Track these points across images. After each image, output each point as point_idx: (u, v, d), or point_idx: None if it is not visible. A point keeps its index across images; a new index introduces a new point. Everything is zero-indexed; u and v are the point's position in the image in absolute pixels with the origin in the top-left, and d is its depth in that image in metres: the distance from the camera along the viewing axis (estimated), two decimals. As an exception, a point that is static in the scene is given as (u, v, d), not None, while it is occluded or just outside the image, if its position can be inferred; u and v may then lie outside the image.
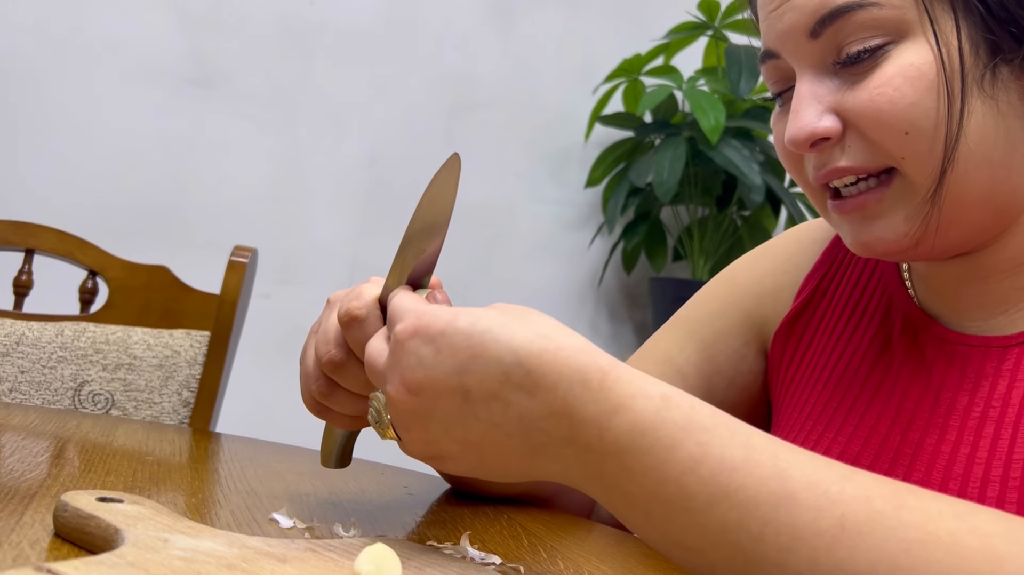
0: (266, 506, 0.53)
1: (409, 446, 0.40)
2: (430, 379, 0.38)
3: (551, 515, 0.63)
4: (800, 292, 0.65)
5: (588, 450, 0.37)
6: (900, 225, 0.51)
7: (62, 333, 1.00)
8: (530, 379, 0.37)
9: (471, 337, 0.37)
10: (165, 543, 0.36)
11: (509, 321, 0.38)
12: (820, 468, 0.37)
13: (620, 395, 0.37)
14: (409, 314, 0.39)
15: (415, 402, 0.38)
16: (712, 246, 1.89)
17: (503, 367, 0.37)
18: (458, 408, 0.37)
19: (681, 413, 0.37)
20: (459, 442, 0.38)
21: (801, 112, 0.51)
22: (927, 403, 0.54)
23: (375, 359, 0.41)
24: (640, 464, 0.36)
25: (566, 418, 0.37)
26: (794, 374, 0.63)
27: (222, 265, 1.04)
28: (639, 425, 0.36)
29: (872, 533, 0.35)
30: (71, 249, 1.06)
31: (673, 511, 0.36)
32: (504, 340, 0.37)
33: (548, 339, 0.37)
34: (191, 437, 0.79)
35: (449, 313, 0.38)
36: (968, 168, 0.49)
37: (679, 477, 0.36)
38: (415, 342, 0.38)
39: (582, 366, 0.37)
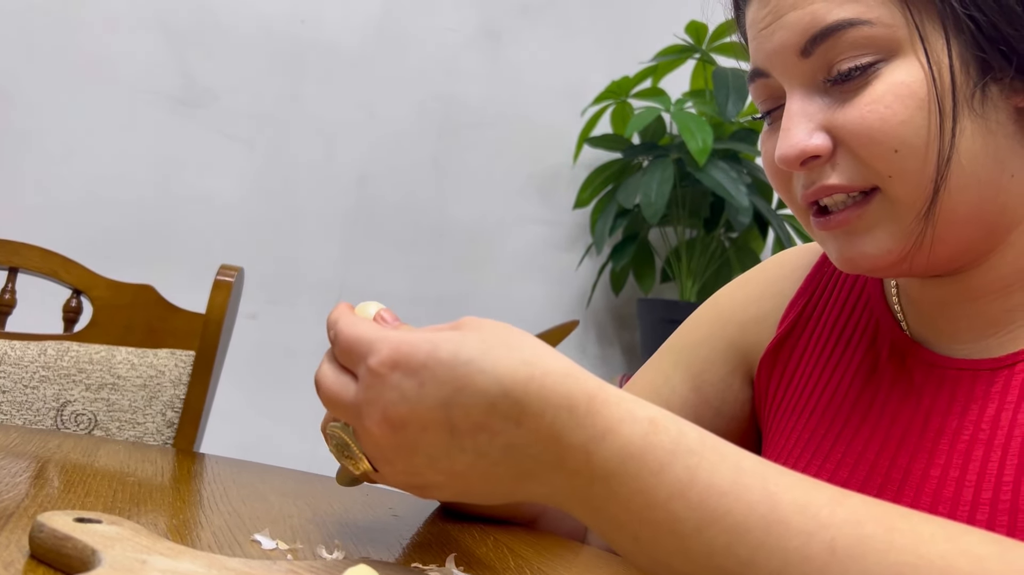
0: (248, 527, 0.52)
1: (390, 477, 0.39)
2: (414, 413, 0.36)
3: (538, 536, 0.62)
4: (784, 319, 0.65)
5: (575, 474, 0.37)
6: (884, 241, 0.51)
7: (45, 352, 0.99)
8: (517, 408, 0.36)
9: (455, 368, 0.36)
10: (143, 564, 0.36)
11: (491, 348, 0.37)
12: (810, 491, 0.36)
13: (607, 419, 0.36)
14: (381, 343, 0.37)
15: (399, 437, 0.37)
16: (700, 267, 1.90)
17: (489, 398, 0.36)
18: (444, 441, 0.37)
19: (669, 437, 0.36)
20: (444, 473, 0.38)
21: (792, 130, 0.51)
22: (916, 427, 0.53)
23: (339, 393, 0.39)
24: (627, 489, 0.36)
25: (553, 444, 0.36)
26: (781, 401, 0.63)
27: (208, 285, 1.03)
28: (626, 449, 0.36)
29: (863, 557, 0.34)
30: (55, 267, 1.05)
31: (661, 535, 0.36)
32: (489, 370, 0.36)
33: (533, 366, 0.37)
34: (174, 457, 0.78)
35: (428, 343, 0.37)
36: (958, 186, 0.49)
37: (666, 502, 0.36)
38: (396, 375, 0.37)
39: (569, 391, 0.36)
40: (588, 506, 0.37)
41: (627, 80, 1.94)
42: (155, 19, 1.83)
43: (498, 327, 0.39)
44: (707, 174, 1.79)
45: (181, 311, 1.04)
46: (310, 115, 1.93)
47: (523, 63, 2.06)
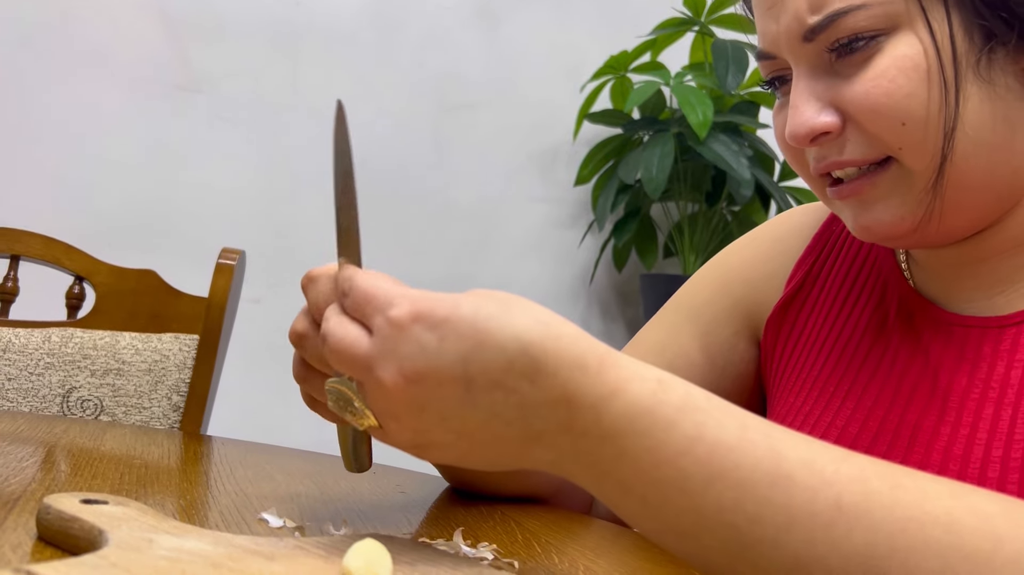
0: (256, 506, 0.52)
1: (395, 435, 0.39)
2: (432, 368, 0.36)
3: (546, 510, 0.62)
4: (791, 278, 0.65)
5: (584, 435, 0.36)
6: (898, 208, 0.51)
7: (49, 339, 0.99)
8: (532, 366, 0.36)
9: (475, 324, 0.36)
10: (150, 543, 0.36)
11: (509, 307, 0.37)
12: (815, 449, 0.36)
13: (616, 379, 0.36)
14: (399, 298, 0.37)
15: (413, 391, 0.36)
16: (702, 242, 1.89)
17: (507, 356, 0.36)
18: (458, 398, 0.36)
19: (677, 395, 0.37)
20: (453, 432, 0.37)
21: (800, 108, 0.51)
22: (925, 384, 0.53)
23: (352, 344, 0.38)
24: (636, 446, 0.36)
25: (564, 404, 0.36)
26: (788, 360, 0.63)
27: (210, 270, 1.03)
28: (635, 407, 0.36)
29: (868, 512, 0.34)
30: (57, 255, 1.05)
31: (669, 494, 0.36)
32: (508, 327, 0.36)
33: (548, 326, 0.37)
34: (181, 440, 0.78)
35: (449, 299, 0.37)
36: (967, 154, 0.49)
37: (675, 458, 0.36)
38: (416, 329, 0.36)
39: (581, 352, 0.36)
40: (596, 469, 0.37)
41: (626, 54, 1.92)
42: (152, 5, 1.82)
43: (510, 295, 0.39)
44: (708, 147, 1.78)
45: (184, 295, 1.04)
46: (308, 98, 1.92)
47: (521, 40, 2.04)
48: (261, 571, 0.34)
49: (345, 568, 0.34)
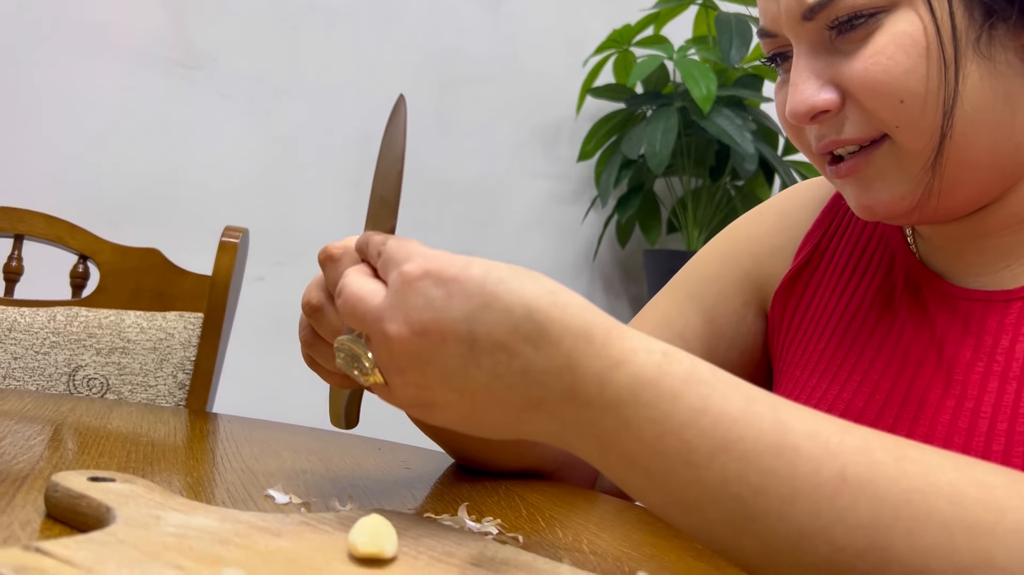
0: (262, 483, 0.52)
1: (399, 391, 0.39)
2: (437, 322, 0.36)
3: (550, 486, 0.63)
4: (800, 250, 0.65)
5: (587, 406, 0.36)
6: (897, 187, 0.51)
7: (54, 318, 0.99)
8: (537, 332, 0.36)
9: (484, 285, 0.36)
10: (157, 520, 0.36)
11: (519, 274, 0.38)
12: (820, 421, 0.36)
13: (621, 350, 0.36)
14: (417, 256, 0.38)
15: (417, 344, 0.37)
16: (706, 217, 1.89)
17: (513, 319, 0.36)
18: (461, 356, 0.36)
19: (682, 367, 0.37)
20: (456, 391, 0.37)
21: (800, 86, 0.51)
22: (931, 358, 0.54)
23: (366, 297, 0.39)
24: (640, 417, 0.36)
25: (568, 373, 0.36)
26: (795, 332, 0.63)
27: (213, 248, 1.03)
28: (640, 378, 0.36)
29: (873, 483, 0.34)
30: (61, 234, 1.05)
31: (674, 466, 0.36)
32: (516, 292, 0.36)
33: (556, 295, 0.37)
34: (187, 418, 0.78)
35: (462, 260, 0.38)
36: (967, 132, 0.49)
37: (680, 430, 0.36)
38: (426, 283, 0.37)
39: (587, 323, 0.37)
40: (599, 440, 0.37)
41: (628, 28, 1.90)
42: (148, -20, 1.80)
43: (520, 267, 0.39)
44: (712, 122, 1.77)
45: (188, 274, 1.04)
46: (310, 75, 1.90)
47: (523, 16, 2.02)
48: (268, 547, 0.34)
49: (351, 543, 0.34)
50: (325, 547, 0.35)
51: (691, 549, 0.50)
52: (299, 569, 0.32)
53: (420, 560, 0.36)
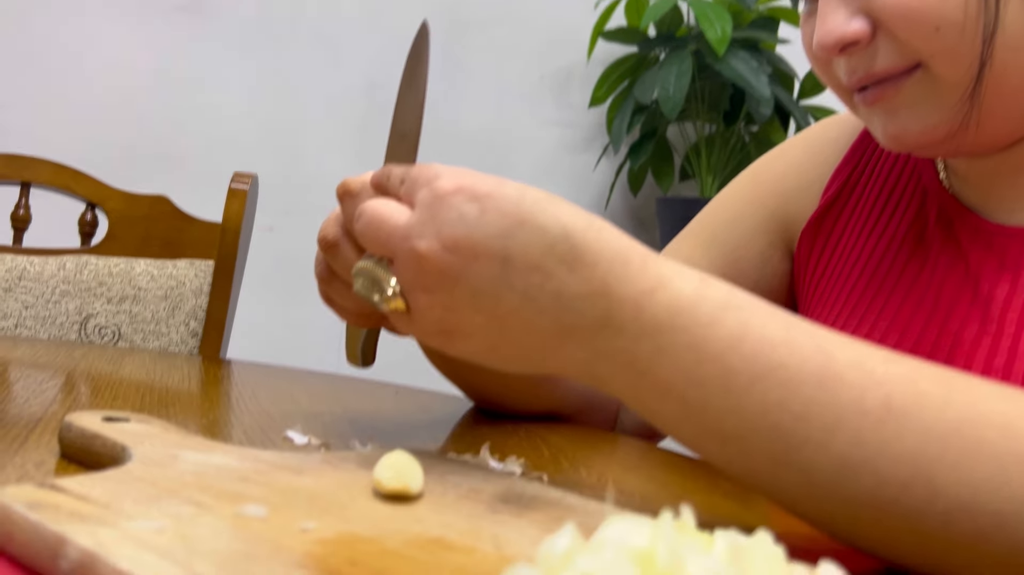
0: (279, 425, 0.51)
1: (422, 314, 0.38)
2: (470, 238, 0.35)
3: (571, 427, 0.62)
4: (828, 188, 0.62)
5: (621, 332, 0.35)
6: (929, 116, 0.49)
7: (64, 267, 0.98)
8: (573, 254, 0.35)
9: (520, 203, 0.35)
10: (174, 459, 0.35)
11: (554, 198, 0.37)
12: (863, 350, 0.35)
13: (659, 275, 0.35)
14: (448, 173, 0.37)
15: (448, 260, 0.35)
16: (720, 163, 1.85)
17: (549, 238, 0.35)
18: (493, 274, 0.35)
19: (720, 293, 0.35)
20: (484, 313, 0.36)
21: (828, 15, 0.49)
22: (966, 294, 0.52)
23: (391, 216, 0.38)
24: (677, 343, 0.34)
25: (603, 298, 0.35)
26: (824, 271, 0.61)
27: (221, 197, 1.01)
28: (678, 303, 0.35)
29: (920, 413, 0.33)
30: (68, 181, 1.03)
31: (711, 394, 0.34)
32: (552, 212, 0.35)
33: (592, 220, 0.36)
34: (200, 364, 0.77)
35: (494, 178, 0.37)
36: (1007, 60, 0.46)
37: (719, 355, 0.34)
38: (459, 198, 0.36)
39: (623, 248, 0.36)
40: (632, 369, 0.36)
41: (642, -32, 1.85)
42: (147, -78, 1.76)
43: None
44: (727, 64, 1.72)
45: (197, 221, 1.02)
46: (315, 21, 1.86)
47: (532, -45, 1.97)
48: (290, 484, 0.33)
49: (376, 480, 0.33)
50: (349, 484, 0.34)
51: (719, 489, 0.49)
52: (323, 506, 0.31)
53: (447, 497, 0.34)
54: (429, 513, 0.32)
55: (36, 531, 0.26)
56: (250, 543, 0.26)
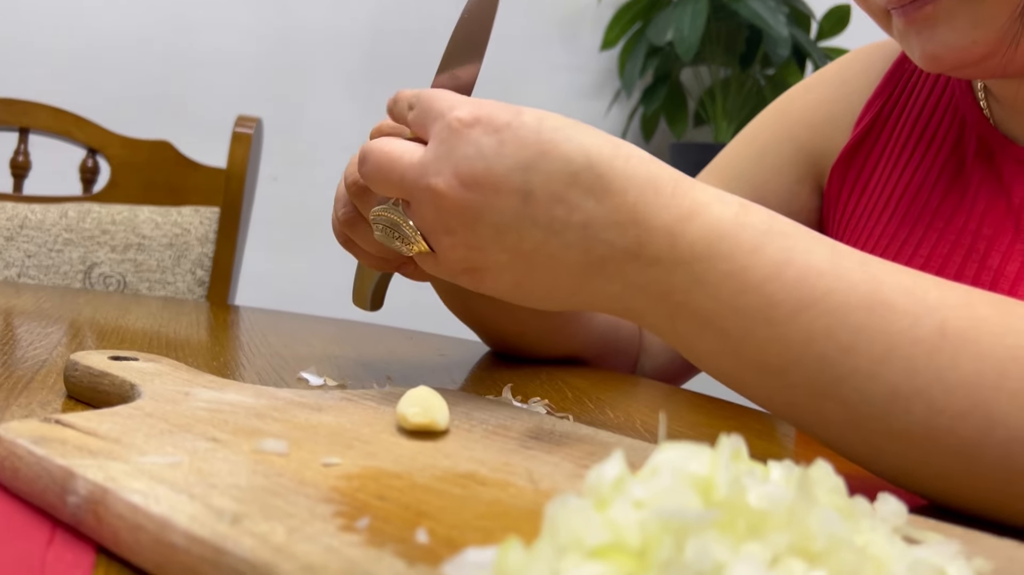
0: (293, 367, 0.49)
1: (446, 254, 0.36)
2: (490, 172, 0.33)
3: (592, 370, 0.60)
4: (860, 120, 0.60)
5: (655, 262, 0.33)
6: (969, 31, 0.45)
7: (66, 215, 0.96)
8: (600, 183, 0.33)
9: (540, 133, 0.33)
10: (186, 396, 0.33)
11: (576, 124, 0.34)
12: (914, 276, 0.33)
13: (694, 201, 0.33)
14: (464, 103, 0.35)
15: (468, 197, 0.33)
16: (735, 108, 1.81)
17: (572, 167, 0.33)
18: (516, 210, 0.33)
19: (760, 219, 0.33)
20: (509, 250, 0.34)
21: None
22: (1008, 228, 0.49)
23: (401, 155, 0.35)
24: (716, 272, 0.32)
25: (634, 227, 0.33)
26: (855, 208, 0.59)
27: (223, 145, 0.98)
28: (717, 230, 0.33)
29: (977, 339, 0.31)
30: (68, 127, 1.00)
31: (753, 324, 0.32)
32: (575, 139, 0.33)
33: (618, 145, 0.34)
34: (209, 310, 0.75)
35: (512, 107, 0.34)
36: None
37: (761, 284, 0.32)
38: (476, 131, 0.33)
39: (654, 174, 0.33)
40: (668, 300, 0.34)
41: (654, -95, 1.79)
42: None
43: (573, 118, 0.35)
44: (743, 4, 1.67)
45: (201, 167, 1.00)
46: (316, -38, 1.81)
47: None
48: (309, 421, 0.31)
49: (400, 415, 0.31)
50: (371, 420, 0.32)
51: (750, 429, 0.48)
52: (345, 441, 0.29)
53: (474, 433, 0.33)
54: (458, 448, 0.30)
55: (42, 466, 0.25)
56: (271, 478, 0.25)
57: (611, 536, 0.18)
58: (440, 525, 0.22)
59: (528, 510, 0.25)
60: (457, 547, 0.21)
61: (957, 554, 0.22)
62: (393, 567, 0.19)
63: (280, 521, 0.21)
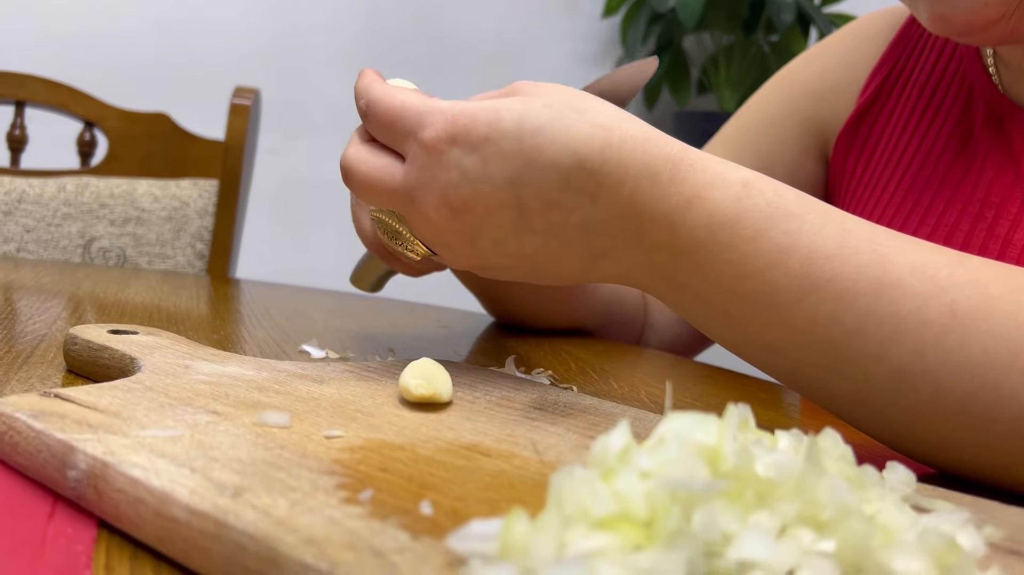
0: (294, 340, 0.49)
1: (452, 261, 0.35)
2: (478, 195, 0.31)
3: (596, 341, 0.60)
4: (865, 88, 0.59)
5: (657, 250, 0.33)
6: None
7: (64, 189, 0.95)
8: (593, 181, 0.31)
9: (522, 140, 0.31)
10: (186, 369, 0.33)
11: (559, 113, 0.32)
12: (925, 252, 0.32)
13: (694, 186, 0.32)
14: (434, 115, 0.32)
15: (460, 222, 0.32)
16: (739, 75, 1.79)
17: (562, 171, 0.31)
18: (512, 223, 0.32)
19: (764, 200, 0.32)
20: (512, 256, 0.33)
21: None
22: (1016, 196, 0.49)
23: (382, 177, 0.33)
24: (718, 260, 0.32)
25: (633, 218, 0.32)
26: (860, 178, 0.58)
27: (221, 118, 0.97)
28: (716, 217, 0.32)
29: (987, 319, 0.30)
30: (64, 100, 0.99)
31: (757, 308, 0.32)
32: (560, 140, 0.31)
33: (609, 131, 0.32)
34: (210, 283, 0.75)
35: (488, 111, 0.32)
36: None
37: (763, 271, 0.32)
38: (455, 152, 0.31)
39: (650, 158, 0.32)
40: (671, 282, 0.33)
41: None
42: None
43: (560, 89, 0.33)
44: (746, -30, 1.65)
45: (199, 139, 0.99)
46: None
47: None
48: (311, 393, 0.31)
49: (403, 387, 0.31)
50: (374, 393, 0.32)
51: (755, 398, 0.47)
52: (348, 414, 0.29)
53: (478, 404, 0.32)
54: (461, 420, 0.30)
55: (42, 440, 0.24)
56: (273, 451, 0.24)
57: (617, 507, 0.18)
58: (444, 497, 0.22)
59: (533, 481, 0.24)
60: (462, 519, 0.21)
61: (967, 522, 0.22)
62: (397, 539, 0.19)
63: (282, 494, 0.21)
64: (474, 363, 0.47)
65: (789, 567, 0.18)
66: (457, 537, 0.18)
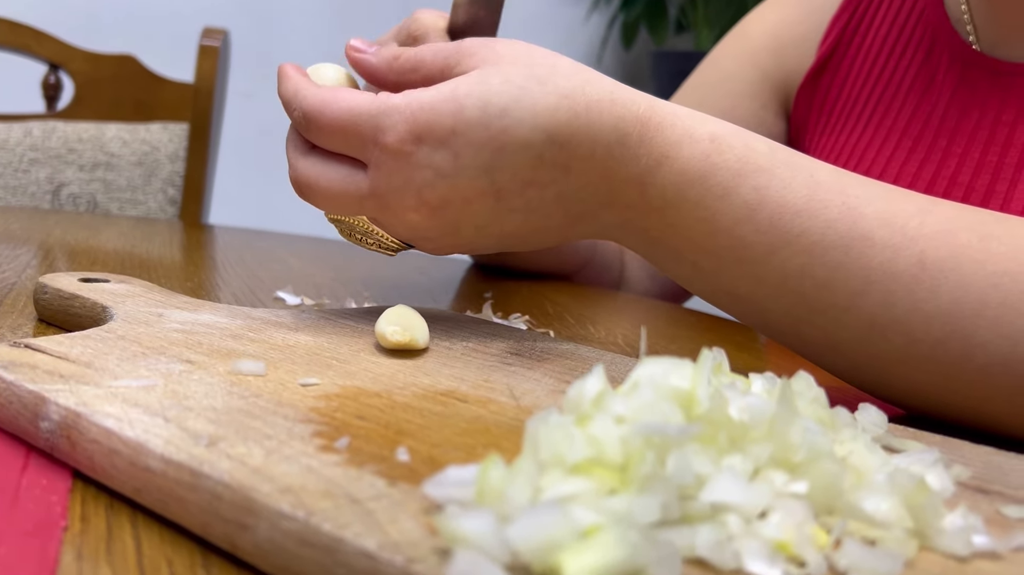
0: (269, 287, 0.49)
1: (434, 251, 0.35)
2: (455, 188, 0.31)
3: (574, 286, 0.60)
4: (825, 39, 0.58)
5: (629, 208, 0.33)
6: None
7: (31, 133, 0.93)
8: (564, 153, 0.31)
9: (489, 127, 0.30)
10: (159, 318, 0.32)
11: (522, 90, 0.31)
12: (895, 202, 0.32)
13: (663, 145, 0.32)
14: (392, 116, 0.30)
15: (440, 218, 0.32)
16: (717, 14, 1.76)
17: (534, 151, 0.31)
18: (491, 208, 0.32)
19: (734, 155, 0.32)
20: (493, 236, 0.33)
21: None
22: (979, 141, 0.48)
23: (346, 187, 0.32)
24: (688, 218, 0.32)
25: (605, 183, 0.32)
26: (823, 130, 0.58)
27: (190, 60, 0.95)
28: (686, 175, 0.32)
29: (957, 269, 0.31)
30: (27, 41, 0.96)
31: (726, 263, 0.32)
32: (528, 120, 0.30)
33: (574, 100, 0.31)
34: (182, 229, 0.74)
35: (449, 102, 0.30)
36: None
37: (732, 227, 0.32)
38: (423, 151, 0.30)
39: (618, 121, 0.31)
40: (643, 237, 0.34)
41: None
42: None
43: (513, 54, 0.32)
44: (726, -95, 1.61)
45: (168, 82, 0.96)
46: None
47: None
48: (286, 341, 0.31)
49: (379, 334, 0.31)
50: (349, 340, 0.32)
51: (730, 341, 0.48)
52: (323, 361, 0.29)
53: (454, 350, 0.32)
54: (437, 366, 0.30)
55: (13, 391, 0.24)
56: (248, 399, 0.24)
57: (592, 452, 0.18)
58: (421, 443, 0.22)
59: (509, 427, 0.24)
60: (438, 465, 0.21)
61: (936, 462, 0.22)
62: (374, 486, 0.19)
63: (258, 443, 0.21)
64: (451, 309, 0.47)
65: (762, 509, 0.18)
66: (433, 483, 0.18)
